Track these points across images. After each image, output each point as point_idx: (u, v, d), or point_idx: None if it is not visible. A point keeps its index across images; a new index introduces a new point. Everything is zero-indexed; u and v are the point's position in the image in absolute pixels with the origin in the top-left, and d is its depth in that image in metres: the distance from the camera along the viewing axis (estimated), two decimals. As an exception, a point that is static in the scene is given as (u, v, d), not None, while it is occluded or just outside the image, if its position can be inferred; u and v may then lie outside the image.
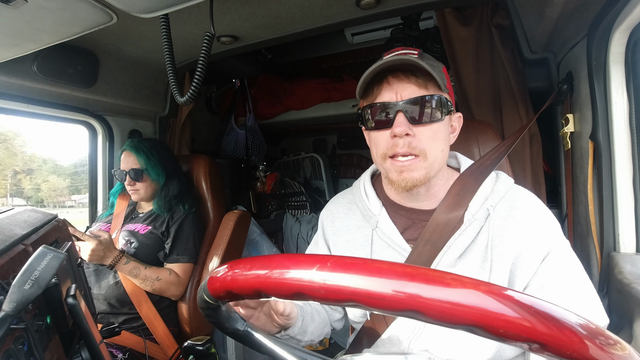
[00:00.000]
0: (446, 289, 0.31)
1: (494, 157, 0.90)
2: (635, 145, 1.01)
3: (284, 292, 0.37)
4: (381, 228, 0.88)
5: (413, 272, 0.32)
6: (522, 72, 1.52)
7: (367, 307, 0.33)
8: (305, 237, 2.90)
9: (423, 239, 0.83)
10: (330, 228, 0.99)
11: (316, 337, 0.92)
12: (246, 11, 1.30)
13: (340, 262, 0.35)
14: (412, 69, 0.78)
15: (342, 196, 1.03)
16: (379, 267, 0.34)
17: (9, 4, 0.79)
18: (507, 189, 0.84)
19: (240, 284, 0.41)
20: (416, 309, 0.31)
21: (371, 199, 0.92)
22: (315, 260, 0.36)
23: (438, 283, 0.31)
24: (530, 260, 0.77)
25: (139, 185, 1.60)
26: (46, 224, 0.80)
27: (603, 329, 0.30)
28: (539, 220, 0.80)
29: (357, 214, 0.95)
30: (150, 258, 1.55)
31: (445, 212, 0.83)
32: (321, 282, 0.35)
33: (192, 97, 1.00)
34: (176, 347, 1.53)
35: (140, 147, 1.61)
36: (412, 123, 0.77)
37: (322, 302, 0.36)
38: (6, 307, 0.48)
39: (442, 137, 0.80)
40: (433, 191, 0.86)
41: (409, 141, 0.77)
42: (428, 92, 0.77)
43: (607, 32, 0.98)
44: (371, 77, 0.80)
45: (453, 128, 0.87)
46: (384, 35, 2.18)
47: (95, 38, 1.45)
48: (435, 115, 0.77)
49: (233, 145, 2.74)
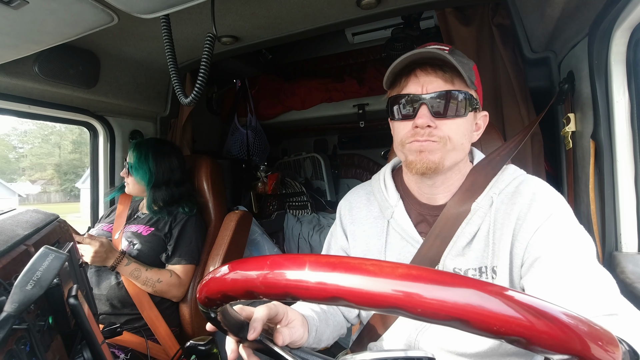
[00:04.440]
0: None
1: (504, 154, 0.90)
2: (636, 144, 1.00)
3: (239, 293, 0.40)
4: (396, 219, 0.90)
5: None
6: (523, 71, 1.52)
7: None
8: (306, 237, 2.90)
9: (434, 233, 0.84)
10: (347, 217, 1.00)
11: (332, 341, 0.91)
12: (247, 11, 1.30)
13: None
14: (440, 63, 0.79)
15: (362, 187, 1.04)
16: (302, 260, 0.36)
17: (10, 5, 0.79)
18: (513, 177, 0.84)
19: (212, 290, 0.42)
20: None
21: (389, 190, 0.94)
22: (260, 262, 0.38)
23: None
24: (524, 235, 0.77)
25: (129, 179, 1.64)
26: (48, 225, 0.80)
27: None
28: (537, 199, 0.79)
29: (374, 204, 0.96)
30: (152, 259, 1.55)
31: (456, 206, 0.84)
32: (263, 280, 0.37)
33: (196, 97, 1.00)
34: (178, 347, 1.53)
35: (140, 145, 1.63)
36: (435, 116, 0.78)
37: (268, 298, 0.38)
38: (8, 307, 0.48)
39: (464, 131, 0.81)
40: (449, 184, 0.87)
41: (429, 131, 0.78)
42: (454, 87, 0.78)
43: (609, 31, 0.98)
44: (400, 68, 0.81)
45: (478, 126, 0.88)
46: (384, 35, 2.17)
47: (96, 39, 1.45)
48: (459, 111, 0.78)
49: (239, 145, 2.74)
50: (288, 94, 2.58)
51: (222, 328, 0.55)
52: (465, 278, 0.32)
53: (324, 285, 0.34)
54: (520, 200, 0.80)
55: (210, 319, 0.51)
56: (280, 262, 0.37)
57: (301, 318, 0.77)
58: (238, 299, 0.41)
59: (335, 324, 0.93)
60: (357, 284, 0.33)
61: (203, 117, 2.61)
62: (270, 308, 0.68)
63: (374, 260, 0.34)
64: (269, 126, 2.82)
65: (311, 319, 0.83)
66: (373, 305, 0.32)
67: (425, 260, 0.84)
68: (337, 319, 0.95)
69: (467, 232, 0.82)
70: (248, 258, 0.41)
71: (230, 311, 0.56)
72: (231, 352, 0.63)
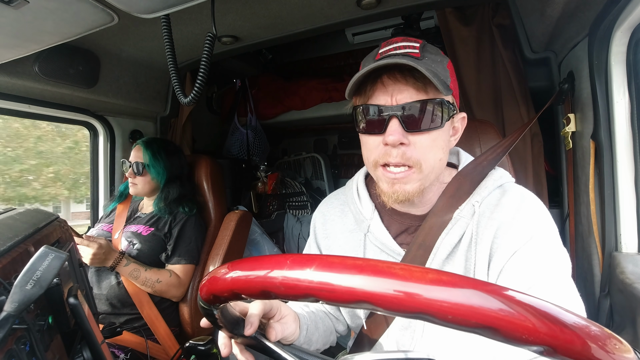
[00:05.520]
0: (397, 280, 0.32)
1: (491, 158, 0.85)
2: (636, 144, 1.00)
3: (254, 292, 0.38)
4: (373, 233, 0.84)
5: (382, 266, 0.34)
6: (523, 71, 1.52)
7: (325, 301, 0.34)
8: (306, 237, 2.89)
9: (416, 242, 0.79)
10: (321, 231, 0.95)
11: (321, 346, 0.88)
12: (247, 11, 1.30)
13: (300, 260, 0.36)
14: (410, 68, 0.68)
15: (335, 197, 0.98)
16: (330, 261, 0.35)
17: (10, 5, 0.79)
18: (496, 185, 0.79)
19: (219, 287, 0.41)
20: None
21: (364, 202, 0.88)
22: (281, 260, 0.37)
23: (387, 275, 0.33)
24: (499, 257, 0.73)
25: (138, 180, 1.63)
26: (48, 224, 0.80)
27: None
28: (518, 218, 0.73)
29: (349, 216, 0.91)
30: (152, 259, 1.55)
31: (439, 214, 0.79)
32: (282, 279, 0.36)
33: (195, 97, 1.00)
34: (178, 347, 1.53)
35: (150, 144, 1.65)
36: (408, 130, 0.69)
37: (286, 298, 0.36)
38: (8, 307, 0.48)
39: (441, 144, 0.73)
40: (427, 198, 0.82)
41: (403, 151, 0.70)
42: (427, 95, 0.69)
43: (609, 31, 0.98)
44: (365, 76, 0.72)
45: (455, 130, 0.81)
46: (384, 35, 2.18)
47: (96, 38, 1.45)
48: (434, 122, 0.70)
49: (239, 145, 2.75)
50: (288, 94, 2.58)
51: (217, 324, 0.54)
52: (495, 285, 0.31)
53: (351, 288, 0.33)
54: (500, 217, 0.75)
55: (208, 316, 0.51)
56: (302, 262, 0.36)
57: (294, 314, 0.76)
58: (250, 298, 0.39)
59: (325, 328, 0.91)
60: (386, 288, 0.32)
61: (203, 117, 2.61)
62: (265, 303, 0.66)
63: (402, 264, 0.33)
64: (269, 126, 2.82)
65: (302, 317, 0.82)
66: (400, 310, 0.32)
67: None
68: (326, 324, 0.93)
69: (446, 243, 0.77)
70: (264, 256, 0.40)
71: (228, 307, 0.55)
72: (225, 348, 0.63)
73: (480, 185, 0.80)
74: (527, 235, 0.72)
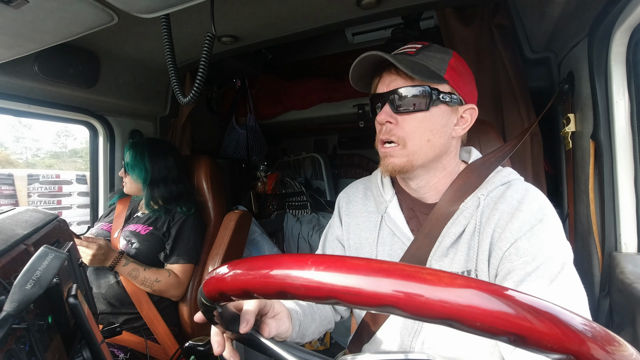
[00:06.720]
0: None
1: (499, 156, 0.90)
2: (636, 145, 1.00)
3: (269, 292, 0.37)
4: (389, 214, 0.91)
5: (389, 267, 0.33)
6: (523, 71, 1.52)
7: (348, 305, 0.33)
8: (306, 237, 2.90)
9: (423, 232, 0.85)
10: (345, 209, 1.03)
11: (317, 335, 0.92)
12: (247, 11, 1.30)
13: (323, 261, 0.35)
14: (403, 62, 0.81)
15: (361, 182, 1.07)
16: (356, 264, 0.34)
17: (9, 4, 0.79)
18: (504, 180, 0.83)
19: (229, 284, 0.40)
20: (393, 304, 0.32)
21: (386, 186, 0.96)
22: (302, 260, 0.36)
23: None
24: (501, 246, 0.75)
25: (127, 179, 1.65)
26: (47, 224, 0.80)
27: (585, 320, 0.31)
28: (521, 208, 0.77)
29: (371, 199, 0.99)
30: (151, 259, 1.55)
31: (446, 205, 0.84)
32: (303, 281, 0.35)
33: (194, 97, 1.00)
34: (177, 347, 1.53)
35: (136, 145, 1.65)
36: (396, 112, 0.81)
37: (304, 300, 0.35)
38: (8, 307, 0.48)
39: (429, 127, 0.81)
40: (434, 182, 0.87)
41: (390, 128, 0.82)
42: (413, 83, 0.80)
43: (608, 31, 0.98)
44: (372, 71, 0.88)
45: (464, 119, 0.85)
46: (384, 35, 2.17)
47: (96, 38, 1.45)
48: (419, 106, 0.80)
49: (234, 145, 2.75)
50: (288, 94, 2.57)
51: (214, 321, 0.54)
52: (523, 293, 0.31)
53: (378, 292, 0.32)
54: (502, 208, 0.78)
55: (207, 312, 0.51)
56: (325, 263, 0.34)
57: (287, 311, 0.78)
58: (261, 297, 0.38)
59: (322, 318, 0.94)
60: (414, 293, 0.31)
61: (203, 116, 2.61)
62: (260, 300, 0.66)
63: (430, 269, 0.33)
64: (268, 126, 2.82)
65: (295, 312, 0.84)
66: (427, 315, 0.31)
67: (414, 259, 0.84)
68: (325, 314, 0.97)
69: (451, 232, 0.81)
70: (279, 255, 0.38)
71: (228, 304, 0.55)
72: (218, 346, 0.63)
73: (487, 180, 0.84)
74: (529, 224, 0.75)
